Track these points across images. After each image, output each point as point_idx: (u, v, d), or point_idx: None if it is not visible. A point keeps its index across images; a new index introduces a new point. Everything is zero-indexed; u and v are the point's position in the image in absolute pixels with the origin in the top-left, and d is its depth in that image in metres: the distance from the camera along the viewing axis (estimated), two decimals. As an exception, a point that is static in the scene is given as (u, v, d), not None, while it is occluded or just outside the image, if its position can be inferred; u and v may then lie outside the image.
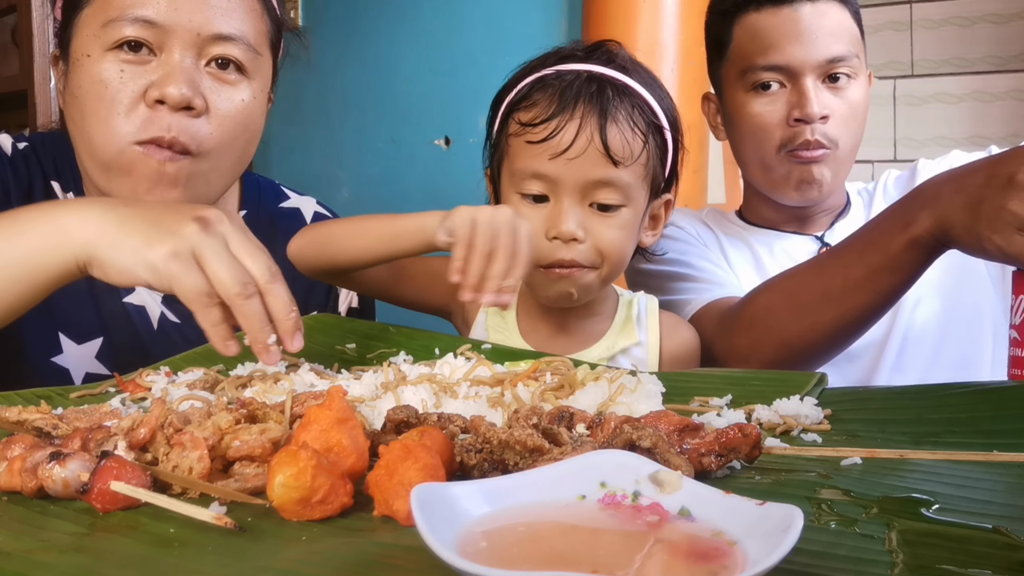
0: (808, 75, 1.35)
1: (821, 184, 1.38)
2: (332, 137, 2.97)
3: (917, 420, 0.79)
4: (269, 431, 0.65)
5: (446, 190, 2.79)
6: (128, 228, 0.85)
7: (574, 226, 1.07)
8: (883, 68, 2.32)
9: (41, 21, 3.00)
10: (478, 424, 0.66)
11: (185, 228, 0.83)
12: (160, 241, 0.82)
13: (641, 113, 1.10)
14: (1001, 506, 0.58)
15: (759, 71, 1.37)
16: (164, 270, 0.82)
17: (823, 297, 1.08)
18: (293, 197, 1.43)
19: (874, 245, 1.05)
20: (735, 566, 0.44)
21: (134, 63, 1.08)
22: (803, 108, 1.34)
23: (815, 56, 1.34)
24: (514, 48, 2.72)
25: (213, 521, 0.54)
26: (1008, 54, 2.22)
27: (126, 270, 0.84)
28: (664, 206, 1.20)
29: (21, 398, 0.88)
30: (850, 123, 1.38)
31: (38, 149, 1.24)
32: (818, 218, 1.50)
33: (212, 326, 0.83)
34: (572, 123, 1.06)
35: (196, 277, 0.82)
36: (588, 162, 1.06)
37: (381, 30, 2.88)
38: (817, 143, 1.35)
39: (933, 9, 2.30)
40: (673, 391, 0.88)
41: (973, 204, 0.92)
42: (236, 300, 0.81)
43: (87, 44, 1.10)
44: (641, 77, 1.14)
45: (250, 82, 1.15)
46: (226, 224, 0.85)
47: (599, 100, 1.08)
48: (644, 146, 1.09)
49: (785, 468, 0.67)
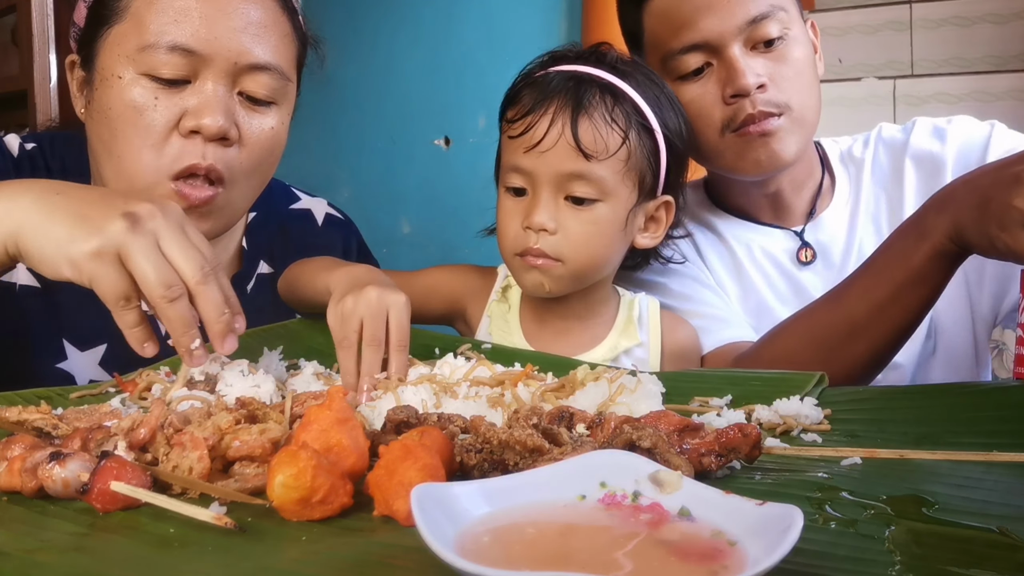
0: (731, 45, 1.20)
1: (781, 155, 1.24)
2: (332, 137, 2.97)
3: (917, 420, 0.79)
4: (269, 431, 0.65)
5: (446, 190, 2.79)
6: (55, 218, 0.82)
7: (545, 217, 1.10)
8: (883, 68, 2.32)
9: (41, 21, 3.00)
10: (478, 424, 0.66)
11: (112, 225, 0.80)
12: (84, 238, 0.80)
13: (622, 110, 1.10)
14: (1001, 506, 0.58)
15: (678, 56, 1.24)
16: (85, 268, 0.80)
17: (849, 332, 1.02)
18: (304, 198, 1.43)
19: (894, 263, 1.01)
20: (735, 566, 0.44)
21: (168, 91, 1.07)
22: (735, 81, 1.20)
23: (731, 22, 1.20)
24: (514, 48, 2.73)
25: (213, 521, 0.54)
26: (1008, 54, 2.22)
27: (49, 263, 0.82)
28: (665, 208, 1.18)
29: (21, 398, 0.88)
30: (797, 82, 1.23)
31: (46, 150, 1.23)
32: (793, 202, 1.37)
33: (128, 328, 0.81)
34: (545, 117, 1.09)
35: (115, 278, 0.79)
36: (560, 155, 1.09)
37: (381, 30, 2.88)
38: (763, 114, 1.21)
39: (933, 9, 2.30)
40: (673, 391, 0.88)
41: (982, 204, 0.91)
42: (159, 302, 0.79)
43: (118, 64, 1.08)
44: (636, 80, 1.13)
45: (279, 108, 1.16)
46: (159, 220, 0.82)
47: (575, 96, 1.10)
48: (624, 142, 1.09)
49: (785, 468, 0.67)
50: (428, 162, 2.84)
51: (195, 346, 0.82)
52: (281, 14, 1.14)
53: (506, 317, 1.21)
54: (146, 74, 1.06)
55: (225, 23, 1.08)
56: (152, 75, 1.06)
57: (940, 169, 1.31)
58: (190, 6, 1.07)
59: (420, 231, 2.85)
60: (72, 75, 1.17)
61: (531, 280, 1.14)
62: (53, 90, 3.03)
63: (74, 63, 1.17)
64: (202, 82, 1.08)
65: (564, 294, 1.17)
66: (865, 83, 2.37)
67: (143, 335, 0.82)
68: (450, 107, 2.78)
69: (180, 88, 1.07)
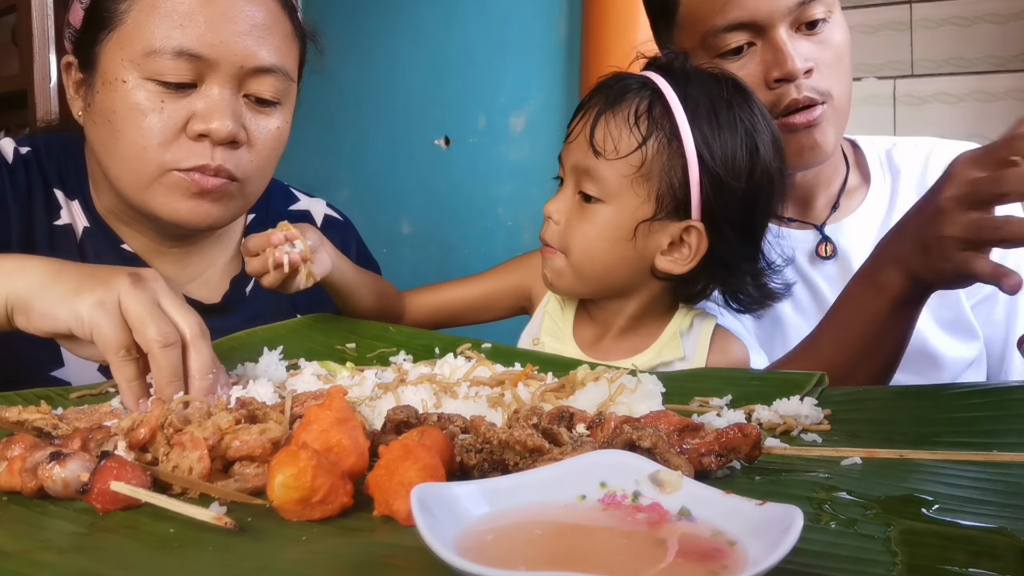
0: (779, 25, 1.16)
1: (824, 147, 1.21)
2: (332, 137, 2.97)
3: (917, 420, 0.79)
4: (269, 431, 0.65)
5: (446, 190, 2.79)
6: (62, 277, 0.85)
7: (553, 207, 1.13)
8: (883, 68, 2.32)
9: (41, 21, 3.00)
10: (478, 424, 0.66)
11: (116, 279, 0.82)
12: (89, 290, 0.82)
13: (652, 117, 1.06)
14: (1001, 506, 0.58)
15: (721, 33, 1.18)
16: (87, 317, 0.81)
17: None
18: (303, 199, 1.43)
19: (861, 316, 1.03)
20: (735, 566, 0.44)
21: (175, 95, 1.07)
22: (782, 65, 1.15)
23: (782, 1, 1.15)
24: (514, 48, 2.74)
25: (213, 521, 0.54)
26: (1008, 54, 2.22)
27: (49, 314, 0.83)
28: (696, 236, 1.08)
29: (21, 398, 0.88)
30: (838, 69, 1.20)
31: (41, 154, 1.22)
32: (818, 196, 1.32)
33: (127, 381, 0.81)
34: (582, 111, 1.12)
35: (116, 327, 0.81)
36: (578, 149, 1.10)
37: (381, 30, 2.88)
38: (808, 100, 1.17)
39: (933, 9, 2.30)
40: (673, 391, 0.88)
41: (922, 247, 0.94)
42: (153, 346, 0.80)
43: (121, 68, 1.07)
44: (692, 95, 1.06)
45: (282, 108, 1.16)
46: (160, 283, 0.85)
47: (613, 94, 1.09)
48: (639, 147, 1.06)
49: (785, 468, 0.67)
50: (428, 162, 2.84)
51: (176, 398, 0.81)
52: (282, 14, 1.14)
53: (562, 310, 1.22)
54: (151, 78, 1.06)
55: (230, 27, 1.07)
56: (157, 79, 1.06)
57: None
58: (194, 10, 1.06)
59: (420, 231, 2.86)
60: (69, 76, 1.16)
61: (543, 270, 1.17)
62: (53, 90, 3.03)
63: (70, 64, 1.16)
64: (208, 86, 1.08)
65: (571, 293, 1.17)
66: (865, 83, 2.37)
67: (140, 390, 0.82)
68: (450, 107, 2.78)
69: (186, 92, 1.07)
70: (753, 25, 1.17)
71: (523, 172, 2.65)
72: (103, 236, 1.21)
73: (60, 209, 1.20)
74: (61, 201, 1.20)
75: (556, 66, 2.61)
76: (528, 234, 2.59)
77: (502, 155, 2.69)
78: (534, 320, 1.25)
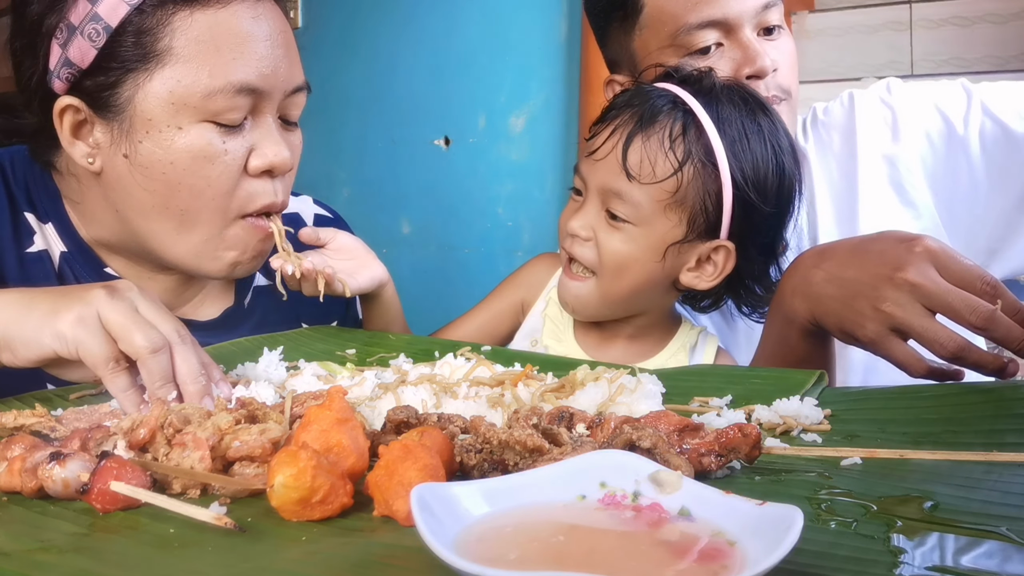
0: (746, 26, 1.20)
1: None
2: (332, 137, 2.97)
3: (917, 420, 0.79)
4: (269, 431, 0.65)
5: (446, 190, 2.79)
6: (35, 303, 0.82)
7: (579, 224, 1.10)
8: (883, 68, 2.32)
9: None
10: (478, 424, 0.66)
11: (91, 294, 0.81)
12: (66, 308, 0.80)
13: (686, 141, 1.06)
14: (1001, 506, 0.58)
15: (693, 31, 1.20)
16: (71, 336, 0.79)
17: None
18: (291, 201, 1.41)
19: (780, 345, 1.04)
20: (735, 566, 0.44)
21: (233, 133, 1.01)
22: (754, 62, 1.19)
23: (750, 3, 1.20)
24: (514, 48, 2.74)
25: (213, 521, 0.54)
26: (1008, 54, 2.22)
27: (32, 341, 0.80)
28: (724, 254, 1.10)
29: (20, 402, 0.88)
30: (792, 72, 1.26)
31: (7, 171, 1.12)
32: None
33: (122, 392, 0.80)
34: (609, 128, 1.09)
35: (100, 341, 0.79)
36: (608, 169, 1.08)
37: (381, 30, 2.88)
38: (775, 97, 1.21)
39: (933, 9, 2.30)
40: (673, 391, 0.88)
41: (847, 300, 0.93)
42: (142, 353, 0.78)
43: (171, 113, 0.98)
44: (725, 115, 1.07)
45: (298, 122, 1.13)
46: (135, 291, 0.83)
47: (645, 114, 1.07)
48: (675, 174, 1.05)
49: (785, 468, 0.67)
50: (428, 162, 2.83)
51: (171, 398, 0.80)
52: (286, 22, 1.09)
53: (563, 314, 1.20)
54: (209, 120, 0.99)
55: (274, 52, 1.03)
56: (216, 121, 1.00)
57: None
58: (240, 40, 0.99)
59: (420, 231, 2.85)
60: (62, 122, 1.01)
61: (563, 295, 1.15)
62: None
63: (67, 108, 1.01)
64: (260, 116, 1.03)
65: (594, 318, 1.16)
66: (865, 83, 2.36)
67: (137, 397, 0.81)
68: (450, 107, 2.78)
69: (241, 128, 1.02)
70: (724, 24, 1.21)
71: (523, 172, 2.65)
72: (84, 259, 1.12)
73: (33, 235, 1.11)
74: (34, 225, 1.11)
75: (556, 66, 2.61)
76: (528, 234, 2.59)
77: (502, 155, 2.68)
78: (528, 322, 1.24)
